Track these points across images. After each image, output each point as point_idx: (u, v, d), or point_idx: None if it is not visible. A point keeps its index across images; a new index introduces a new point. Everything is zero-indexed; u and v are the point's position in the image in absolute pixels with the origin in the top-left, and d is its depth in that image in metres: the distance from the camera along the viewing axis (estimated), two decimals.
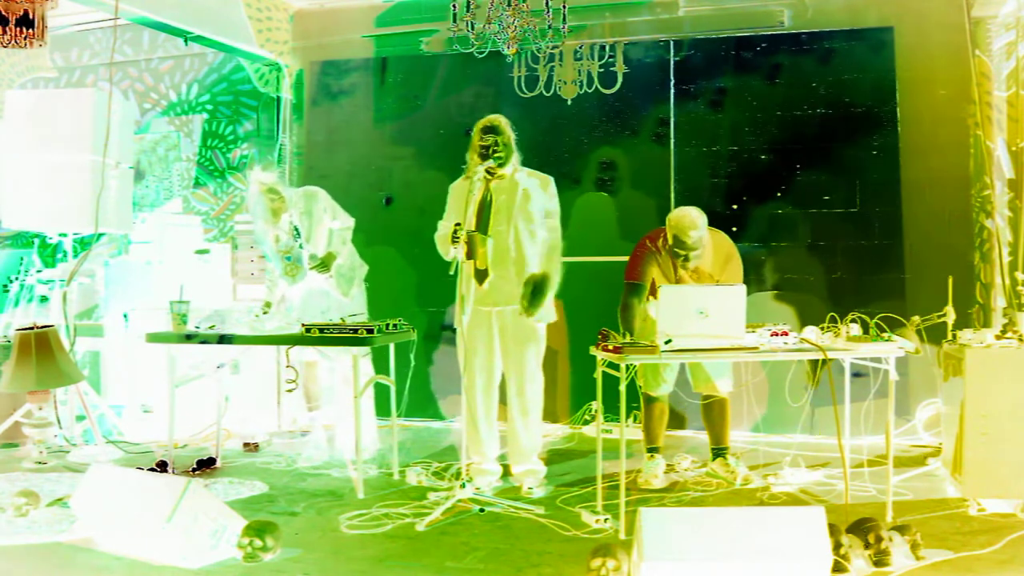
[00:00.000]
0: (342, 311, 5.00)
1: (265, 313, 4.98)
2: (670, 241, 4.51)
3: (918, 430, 5.52)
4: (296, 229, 5.22)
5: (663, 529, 3.05)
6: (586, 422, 6.18)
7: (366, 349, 4.91)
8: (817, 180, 5.95)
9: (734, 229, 5.93)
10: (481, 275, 4.51)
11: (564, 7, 4.72)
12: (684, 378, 4.90)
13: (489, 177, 4.50)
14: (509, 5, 4.56)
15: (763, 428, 5.82)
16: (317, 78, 7.05)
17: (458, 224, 4.26)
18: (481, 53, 4.79)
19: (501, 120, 4.54)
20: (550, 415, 6.05)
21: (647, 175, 6.25)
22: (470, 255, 4.38)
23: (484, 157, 4.47)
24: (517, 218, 4.48)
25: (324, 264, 5.13)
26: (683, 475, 4.83)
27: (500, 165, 4.48)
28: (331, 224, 5.22)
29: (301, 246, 5.21)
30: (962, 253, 5.73)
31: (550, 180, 4.62)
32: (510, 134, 4.53)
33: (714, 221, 4.71)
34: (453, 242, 4.25)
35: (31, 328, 5.17)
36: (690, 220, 4.44)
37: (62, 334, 5.45)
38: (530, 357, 4.55)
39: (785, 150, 6.02)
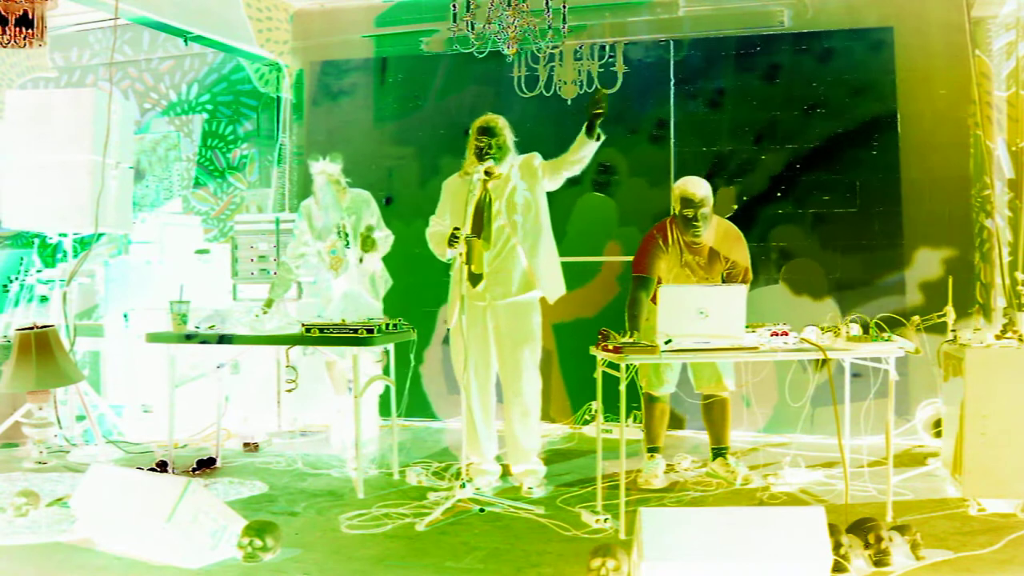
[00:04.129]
0: (372, 315, 5.02)
1: (266, 312, 4.97)
2: (677, 209, 4.55)
3: (918, 430, 5.52)
4: (344, 227, 5.21)
5: (663, 529, 3.05)
6: (586, 422, 6.17)
7: (377, 356, 4.92)
8: (817, 180, 5.95)
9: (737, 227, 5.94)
10: (476, 278, 4.51)
11: (564, 7, 4.72)
12: (685, 378, 4.90)
13: (487, 178, 4.49)
14: (509, 5, 4.56)
15: (763, 428, 5.83)
16: (317, 78, 7.06)
17: (456, 228, 4.27)
18: (481, 53, 4.79)
19: (498, 121, 4.53)
20: (550, 415, 6.08)
21: (647, 175, 6.25)
22: (468, 259, 4.38)
23: (479, 158, 4.48)
24: (513, 218, 4.48)
25: (372, 243, 5.11)
26: (683, 475, 4.83)
27: (496, 164, 4.48)
28: (377, 233, 5.23)
29: (347, 244, 5.21)
30: (962, 253, 5.73)
31: (533, 157, 4.56)
32: (506, 135, 4.52)
33: None
34: (451, 245, 4.27)
35: (31, 328, 5.17)
36: (694, 181, 4.58)
37: (62, 334, 5.45)
38: (526, 357, 4.54)
39: (785, 150, 6.02)
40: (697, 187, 4.54)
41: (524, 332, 4.55)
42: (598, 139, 4.33)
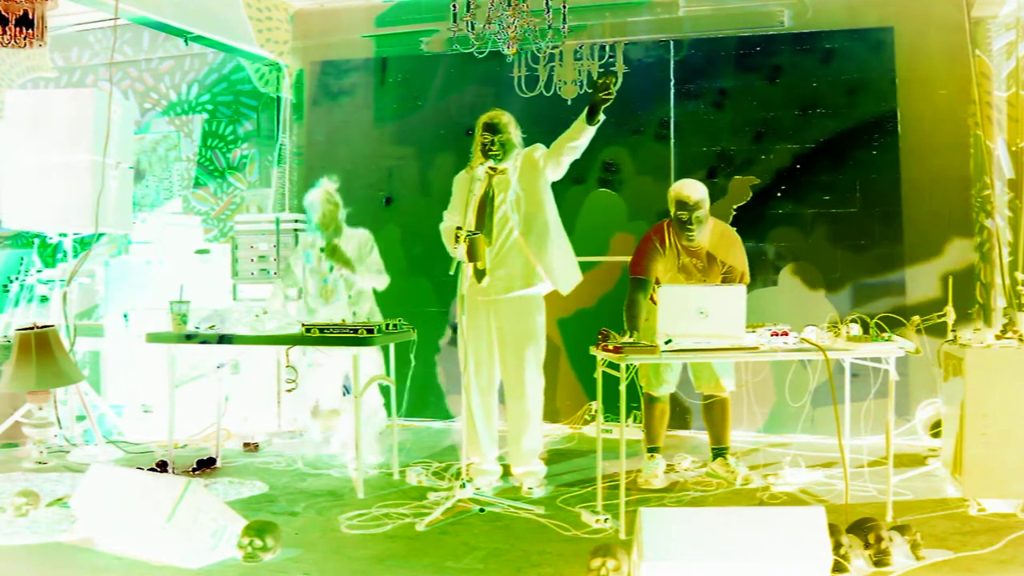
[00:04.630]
0: None
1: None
2: (673, 210, 4.55)
3: (918, 430, 5.52)
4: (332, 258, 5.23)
5: (663, 529, 3.05)
6: (586, 422, 6.17)
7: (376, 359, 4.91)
8: (817, 180, 5.95)
9: (734, 228, 5.93)
10: (480, 274, 4.50)
11: (564, 7, 4.72)
12: (685, 378, 4.90)
13: (491, 174, 4.49)
14: (509, 5, 4.56)
15: (763, 428, 5.83)
16: (317, 78, 7.06)
17: (459, 227, 4.25)
18: (481, 53, 4.78)
19: (503, 117, 4.50)
20: (550, 415, 6.07)
21: (647, 175, 6.25)
22: (471, 257, 4.37)
23: (484, 154, 4.47)
24: (517, 214, 4.47)
25: (335, 249, 5.10)
26: (683, 475, 4.83)
27: (498, 162, 4.47)
28: (371, 280, 5.21)
29: (330, 269, 5.22)
30: (962, 253, 5.73)
31: (535, 148, 4.53)
32: (511, 132, 4.49)
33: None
34: (456, 242, 4.24)
35: (31, 328, 5.17)
36: (690, 183, 4.59)
37: (62, 334, 5.45)
38: (529, 358, 4.53)
39: (785, 150, 6.02)
40: (692, 190, 4.54)
41: (528, 332, 4.53)
42: (597, 123, 4.30)
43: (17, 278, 6.39)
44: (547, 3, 4.65)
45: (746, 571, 3.01)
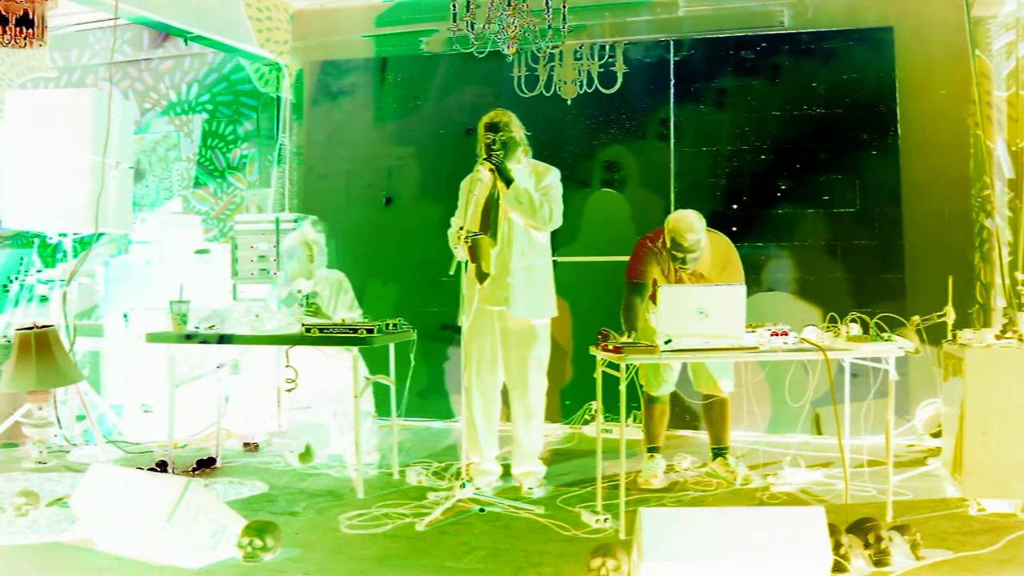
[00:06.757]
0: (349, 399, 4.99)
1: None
2: (668, 244, 4.49)
3: (918, 430, 5.52)
4: (308, 299, 5.29)
5: (663, 529, 3.05)
6: (586, 422, 6.18)
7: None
8: (817, 180, 5.95)
9: (734, 229, 5.93)
10: (482, 276, 4.49)
11: (564, 7, 4.72)
12: (685, 378, 4.90)
13: (494, 175, 4.46)
14: (509, 5, 4.56)
15: (763, 428, 5.83)
16: (317, 78, 7.06)
17: (461, 227, 4.24)
18: (481, 53, 4.78)
19: (504, 117, 4.47)
20: (550, 415, 6.07)
21: (647, 175, 6.25)
22: (474, 258, 4.36)
23: (487, 155, 4.45)
24: (510, 215, 4.45)
25: (315, 308, 5.18)
26: (683, 475, 4.83)
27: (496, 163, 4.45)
28: (348, 313, 5.28)
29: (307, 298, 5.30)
30: (962, 253, 5.73)
31: (550, 170, 4.55)
32: (514, 130, 4.45)
33: (714, 221, 4.72)
34: (457, 242, 4.23)
35: (31, 328, 5.17)
36: (687, 223, 4.42)
37: (62, 334, 5.45)
38: (532, 361, 4.52)
39: (785, 150, 6.02)
40: (688, 231, 4.39)
41: (531, 334, 4.52)
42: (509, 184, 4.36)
43: (17, 278, 6.39)
44: (547, 3, 4.65)
45: (746, 571, 3.01)
